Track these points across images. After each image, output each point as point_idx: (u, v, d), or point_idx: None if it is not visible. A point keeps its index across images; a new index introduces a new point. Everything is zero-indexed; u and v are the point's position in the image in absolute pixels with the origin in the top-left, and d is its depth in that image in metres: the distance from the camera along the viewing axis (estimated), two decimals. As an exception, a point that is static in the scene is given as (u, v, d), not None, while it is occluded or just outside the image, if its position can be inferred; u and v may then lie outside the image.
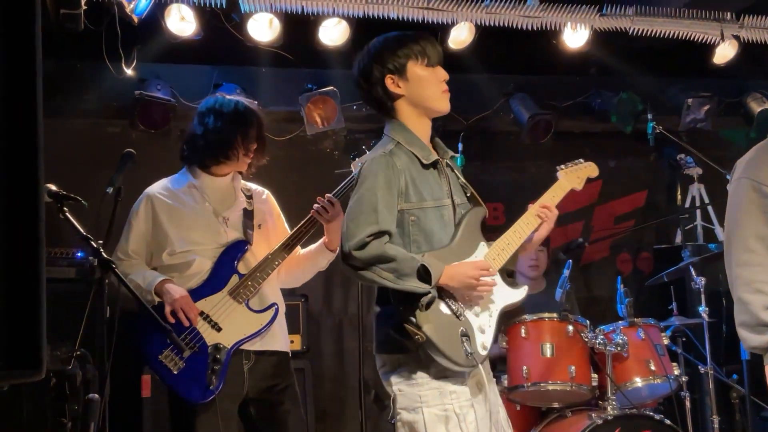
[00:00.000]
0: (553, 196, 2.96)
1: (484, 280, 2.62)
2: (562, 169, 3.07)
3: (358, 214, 2.56)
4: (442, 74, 2.75)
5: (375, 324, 2.69)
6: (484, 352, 2.62)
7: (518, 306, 2.96)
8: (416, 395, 2.56)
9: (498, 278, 2.75)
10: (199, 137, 3.39)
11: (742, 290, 2.39)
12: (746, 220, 2.41)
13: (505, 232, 2.82)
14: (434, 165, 2.74)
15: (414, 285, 2.50)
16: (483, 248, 2.76)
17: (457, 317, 2.59)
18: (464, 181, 2.87)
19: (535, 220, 2.84)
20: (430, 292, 2.51)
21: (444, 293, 2.58)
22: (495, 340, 2.75)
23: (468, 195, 2.84)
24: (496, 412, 2.73)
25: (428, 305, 2.50)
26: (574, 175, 3.08)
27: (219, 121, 3.37)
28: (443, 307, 2.58)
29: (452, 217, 2.72)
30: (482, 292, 2.63)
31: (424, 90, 2.72)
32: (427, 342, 2.49)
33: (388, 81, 2.71)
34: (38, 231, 1.17)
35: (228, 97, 3.50)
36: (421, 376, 2.56)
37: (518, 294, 2.82)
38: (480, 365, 2.57)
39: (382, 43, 2.77)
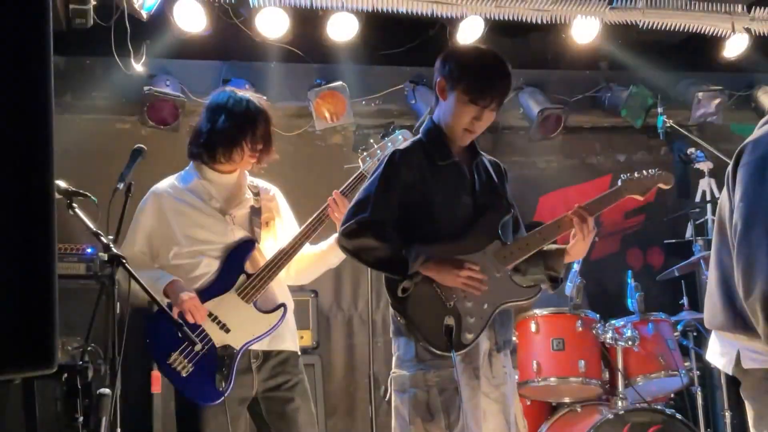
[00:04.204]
0: (600, 201, 2.89)
1: (470, 277, 2.66)
2: (625, 178, 2.98)
3: (355, 203, 2.76)
4: (478, 122, 2.75)
5: None
6: (468, 339, 2.67)
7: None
8: (405, 377, 2.70)
9: (506, 275, 2.78)
10: (204, 134, 3.36)
11: None
12: None
13: (530, 232, 2.85)
14: (453, 165, 2.80)
15: (390, 271, 2.67)
16: (496, 245, 2.78)
17: (445, 304, 2.68)
18: (497, 183, 2.91)
19: (568, 224, 2.82)
20: (406, 279, 2.63)
21: (432, 280, 2.69)
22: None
23: (496, 197, 2.88)
24: (507, 406, 2.74)
25: (404, 291, 2.64)
26: (637, 183, 2.97)
27: (227, 120, 3.33)
28: (431, 293, 2.69)
29: (469, 214, 2.78)
30: (467, 288, 2.68)
31: (450, 118, 2.78)
32: (408, 324, 2.66)
33: (439, 83, 2.79)
34: (50, 226, 1.17)
35: (239, 93, 3.46)
36: (410, 359, 2.70)
37: (525, 293, 2.83)
38: (455, 354, 2.61)
39: (464, 53, 2.88)
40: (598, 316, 4.28)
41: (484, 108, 2.73)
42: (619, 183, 2.97)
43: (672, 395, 4.56)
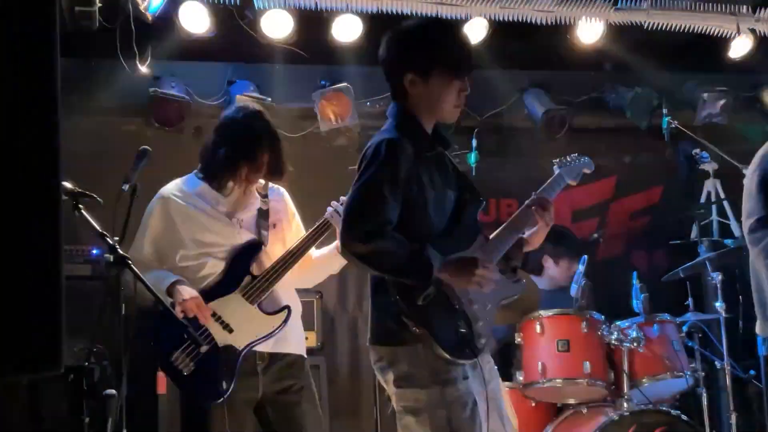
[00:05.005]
0: (551, 188, 2.95)
1: (483, 275, 2.54)
2: (560, 164, 3.07)
3: (361, 201, 2.51)
4: (465, 92, 2.68)
5: (371, 315, 2.64)
6: (482, 344, 2.59)
7: (534, 301, 2.97)
8: (419, 393, 2.53)
9: (497, 271, 2.69)
10: (210, 156, 3.37)
11: None
12: None
13: (501, 226, 2.81)
14: (436, 155, 2.70)
15: (414, 277, 2.47)
16: (481, 240, 2.72)
17: (455, 308, 2.55)
18: (462, 172, 2.84)
19: (532, 214, 2.80)
20: (430, 285, 2.46)
21: (442, 284, 2.52)
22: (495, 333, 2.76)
23: (466, 187, 2.79)
24: (498, 401, 2.71)
25: (425, 298, 2.46)
26: (570, 168, 3.08)
27: (229, 148, 3.32)
28: (441, 298, 2.52)
29: (451, 207, 2.68)
30: (480, 287, 2.56)
31: (438, 101, 2.66)
32: (425, 334, 2.46)
33: (407, 79, 2.65)
34: (57, 228, 1.18)
35: (248, 116, 3.43)
36: (419, 373, 2.52)
37: (517, 288, 2.79)
38: (478, 357, 2.54)
39: (415, 36, 2.70)
40: (603, 317, 4.27)
41: (466, 76, 2.68)
42: (557, 170, 3.03)
43: (677, 397, 4.55)
